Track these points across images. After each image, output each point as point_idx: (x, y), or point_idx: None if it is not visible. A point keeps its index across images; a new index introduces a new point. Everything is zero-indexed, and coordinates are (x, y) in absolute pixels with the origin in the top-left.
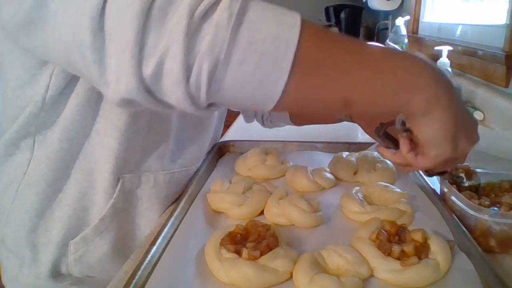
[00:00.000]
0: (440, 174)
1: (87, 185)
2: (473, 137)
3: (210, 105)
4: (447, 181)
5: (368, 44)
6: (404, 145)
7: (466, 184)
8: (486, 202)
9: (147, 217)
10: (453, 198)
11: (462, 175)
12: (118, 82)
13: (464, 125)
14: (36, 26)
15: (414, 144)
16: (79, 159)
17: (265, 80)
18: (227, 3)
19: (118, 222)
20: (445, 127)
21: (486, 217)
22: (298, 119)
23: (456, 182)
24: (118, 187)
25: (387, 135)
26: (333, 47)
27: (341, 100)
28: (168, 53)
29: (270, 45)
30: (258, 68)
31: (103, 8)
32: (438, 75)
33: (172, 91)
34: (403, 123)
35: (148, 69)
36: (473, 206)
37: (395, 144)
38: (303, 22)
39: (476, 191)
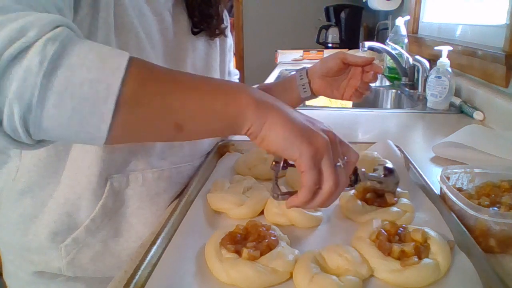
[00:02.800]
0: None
1: (74, 190)
2: (321, 126)
3: (42, 140)
4: (446, 179)
5: (196, 74)
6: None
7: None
8: (486, 202)
9: (139, 215)
10: (452, 197)
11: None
12: None
13: (304, 120)
14: None
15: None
16: (66, 165)
17: (85, 123)
18: (39, 47)
19: (109, 221)
20: (287, 125)
21: (486, 217)
22: None
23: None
24: (107, 188)
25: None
26: (158, 82)
27: (172, 126)
28: None
29: (89, 89)
30: (76, 112)
31: None
32: (261, 96)
33: None
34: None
35: None
36: (473, 206)
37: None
38: (131, 62)
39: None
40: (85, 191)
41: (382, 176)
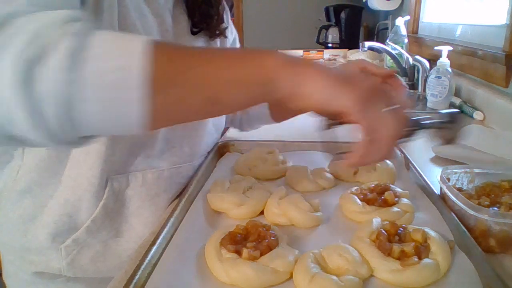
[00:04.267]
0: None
1: (74, 191)
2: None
3: (87, 137)
4: (446, 179)
5: (213, 47)
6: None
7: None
8: (486, 202)
9: (139, 215)
10: (452, 198)
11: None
12: None
13: (341, 71)
14: None
15: None
16: (67, 166)
17: (122, 112)
18: (64, 44)
19: (109, 222)
20: (323, 76)
21: (486, 217)
22: (279, 115)
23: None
24: (107, 189)
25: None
26: (185, 59)
27: (208, 100)
28: (10, 104)
29: (118, 77)
30: (111, 102)
31: None
32: (284, 54)
33: (28, 136)
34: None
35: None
36: (473, 206)
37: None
38: (152, 45)
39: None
40: (86, 192)
41: (440, 121)
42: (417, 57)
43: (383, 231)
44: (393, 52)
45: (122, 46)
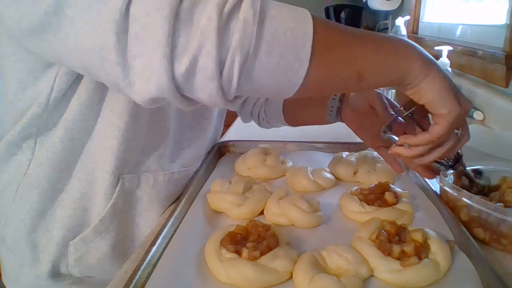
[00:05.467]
0: (452, 167)
1: (88, 185)
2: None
3: (235, 97)
4: (446, 179)
5: (366, 30)
6: (403, 140)
7: (480, 182)
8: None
9: (146, 217)
10: (479, 207)
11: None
12: (148, 81)
13: (454, 83)
14: (48, 31)
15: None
16: (80, 159)
17: (289, 68)
18: (249, 2)
19: (118, 222)
20: (445, 83)
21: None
22: (292, 120)
23: (468, 177)
24: (118, 188)
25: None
26: (340, 33)
27: (355, 74)
28: (202, 51)
29: (291, 37)
30: (282, 58)
31: (126, 12)
32: (421, 50)
33: (205, 86)
34: (389, 127)
35: (180, 68)
36: (505, 211)
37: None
38: (312, 15)
39: (484, 189)
40: (100, 187)
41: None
42: None
43: (383, 231)
44: None
45: (291, 11)
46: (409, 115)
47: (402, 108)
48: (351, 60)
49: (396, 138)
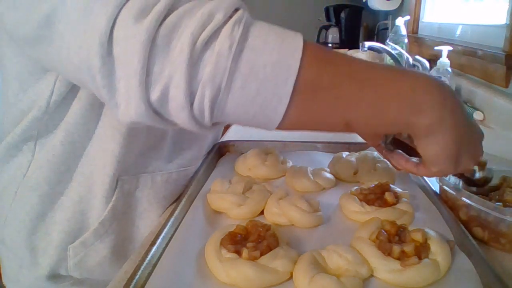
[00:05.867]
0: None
1: (87, 188)
2: (477, 153)
3: (214, 123)
4: (462, 182)
5: (372, 64)
6: (396, 162)
7: (478, 177)
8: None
9: (146, 218)
10: (478, 206)
11: (475, 167)
12: (128, 106)
13: (468, 143)
14: (42, 43)
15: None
16: (81, 162)
17: (265, 105)
18: (228, 31)
19: (117, 225)
20: (447, 148)
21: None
22: None
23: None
24: (117, 190)
25: (395, 142)
26: (334, 71)
27: (342, 123)
28: (172, 81)
29: (271, 71)
30: (259, 94)
31: (110, 34)
32: (446, 95)
33: (178, 114)
34: (391, 141)
35: (154, 95)
36: (504, 211)
37: (404, 149)
38: (305, 44)
39: (486, 183)
40: (98, 190)
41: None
42: (417, 57)
43: (383, 231)
44: (393, 52)
45: (279, 40)
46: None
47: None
48: (339, 107)
49: (399, 151)
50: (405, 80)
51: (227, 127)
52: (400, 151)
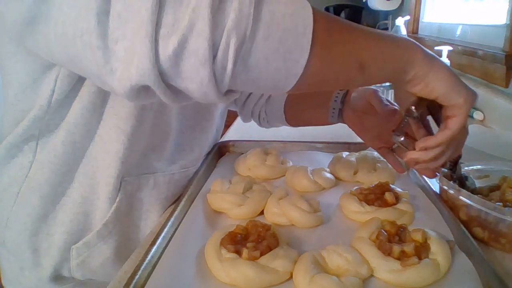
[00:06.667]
0: (451, 169)
1: (90, 189)
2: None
3: (228, 92)
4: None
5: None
6: (422, 142)
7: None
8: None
9: (148, 219)
10: (478, 206)
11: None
12: (128, 67)
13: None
14: (39, 21)
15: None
16: (82, 163)
17: (289, 55)
18: None
19: (120, 226)
20: (452, 75)
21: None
22: (293, 121)
23: (460, 181)
24: (120, 191)
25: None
26: (339, 22)
27: (357, 64)
28: (193, 30)
29: (290, 22)
30: (282, 44)
31: None
32: (422, 46)
33: (196, 73)
34: (401, 130)
35: (167, 50)
36: (503, 211)
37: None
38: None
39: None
40: (102, 191)
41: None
42: None
43: (383, 231)
44: None
45: None
46: (418, 116)
47: (413, 107)
48: (352, 48)
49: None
50: (392, 33)
51: (227, 127)
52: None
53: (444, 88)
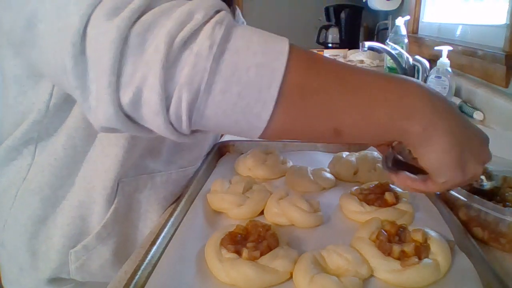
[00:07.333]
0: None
1: (88, 192)
2: (483, 156)
3: (194, 131)
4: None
5: (359, 69)
6: (401, 183)
7: (487, 187)
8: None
9: (147, 219)
10: (478, 206)
11: (482, 177)
12: (97, 109)
13: (470, 147)
14: (27, 46)
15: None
16: (83, 166)
17: (248, 110)
18: (209, 31)
19: (119, 227)
20: (448, 153)
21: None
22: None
23: (474, 186)
24: (118, 192)
25: (396, 164)
26: (321, 76)
27: (331, 130)
28: (145, 83)
29: (255, 74)
30: (241, 98)
31: (84, 33)
32: (434, 98)
33: (152, 120)
34: (393, 162)
35: (126, 97)
36: (503, 211)
37: (408, 168)
38: (291, 48)
39: (494, 193)
40: (99, 195)
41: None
42: (417, 57)
43: (383, 231)
44: (393, 52)
45: (263, 42)
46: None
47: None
48: (327, 112)
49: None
50: (393, 86)
51: None
52: (405, 171)
53: (431, 164)
